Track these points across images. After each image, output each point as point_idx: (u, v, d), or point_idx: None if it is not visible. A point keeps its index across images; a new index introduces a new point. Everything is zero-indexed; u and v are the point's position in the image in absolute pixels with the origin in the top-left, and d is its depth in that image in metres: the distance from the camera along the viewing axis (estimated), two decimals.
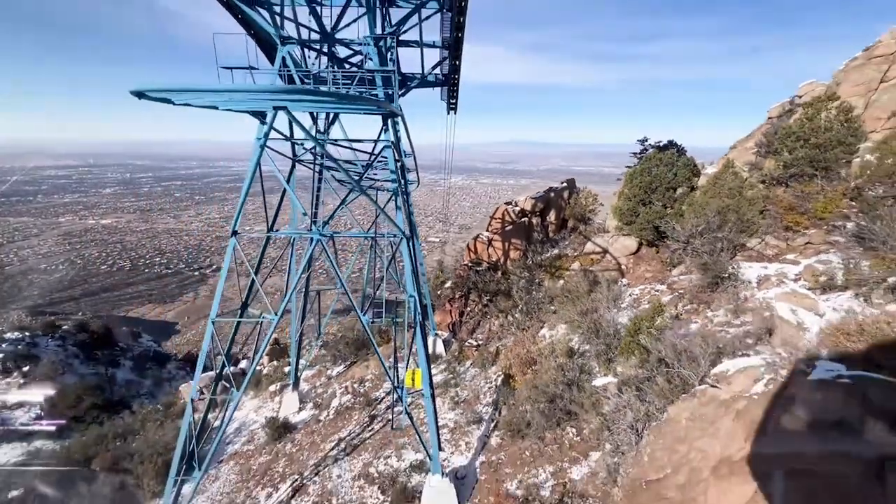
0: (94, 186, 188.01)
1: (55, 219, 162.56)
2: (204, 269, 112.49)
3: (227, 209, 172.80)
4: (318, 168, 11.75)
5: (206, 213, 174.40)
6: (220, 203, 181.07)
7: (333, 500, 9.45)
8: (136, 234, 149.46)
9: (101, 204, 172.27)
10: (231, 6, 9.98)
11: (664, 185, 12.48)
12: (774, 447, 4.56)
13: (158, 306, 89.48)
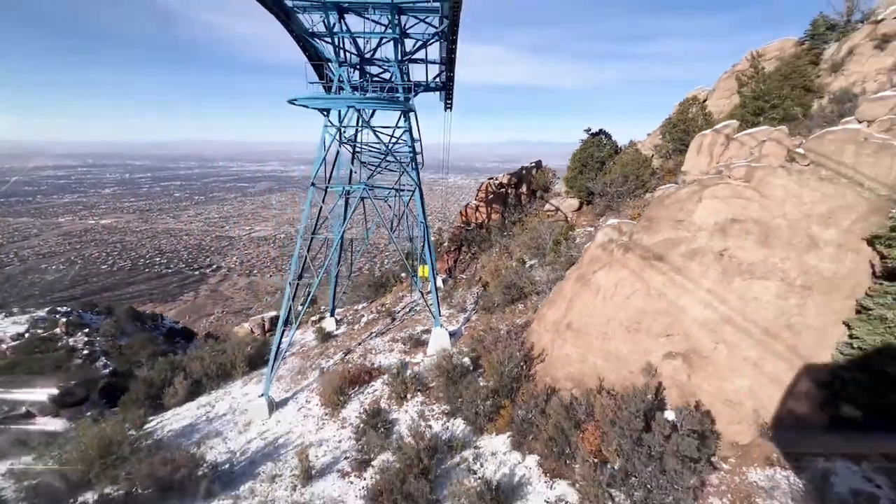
0: (93, 186, 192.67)
1: (55, 219, 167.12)
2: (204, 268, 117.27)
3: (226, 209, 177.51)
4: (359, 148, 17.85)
5: (206, 213, 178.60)
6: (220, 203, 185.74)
7: (373, 351, 15.53)
8: (135, 233, 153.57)
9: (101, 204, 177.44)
10: (302, 39, 16.20)
11: (594, 159, 18.69)
12: (587, 266, 10.64)
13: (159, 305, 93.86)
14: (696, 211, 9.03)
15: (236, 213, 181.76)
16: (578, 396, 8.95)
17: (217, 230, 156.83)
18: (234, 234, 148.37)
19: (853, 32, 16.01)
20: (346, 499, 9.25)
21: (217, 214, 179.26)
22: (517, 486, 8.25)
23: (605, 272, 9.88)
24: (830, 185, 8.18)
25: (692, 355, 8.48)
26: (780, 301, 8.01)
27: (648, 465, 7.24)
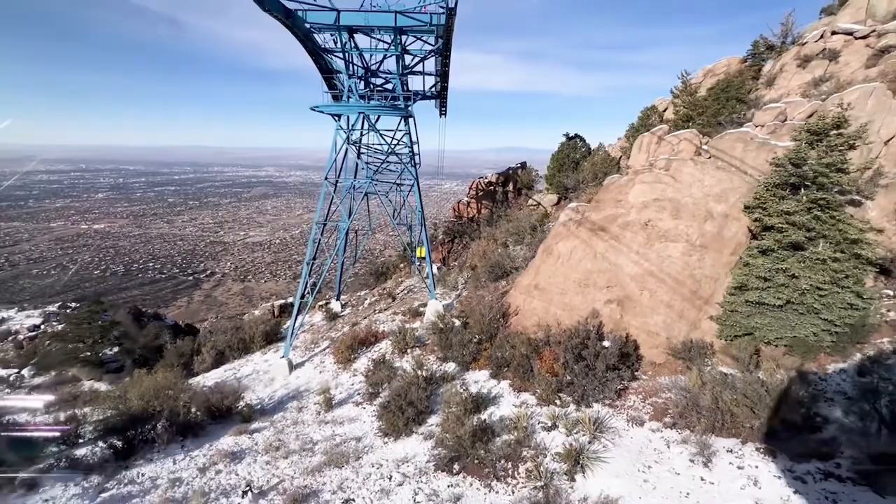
0: (86, 191, 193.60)
1: (47, 224, 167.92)
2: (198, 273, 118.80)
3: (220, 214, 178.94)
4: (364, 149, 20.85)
5: (200, 218, 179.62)
6: (214, 208, 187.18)
7: (377, 322, 18.40)
8: (129, 238, 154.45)
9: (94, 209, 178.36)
10: (316, 54, 19.28)
11: (570, 160, 21.83)
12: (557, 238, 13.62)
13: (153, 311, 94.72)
14: (630, 193, 12.08)
15: (231, 219, 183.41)
16: (541, 335, 11.87)
17: (211, 235, 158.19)
18: (229, 240, 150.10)
19: (785, 53, 19.30)
20: (361, 416, 12.09)
21: (211, 219, 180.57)
22: (493, 398, 11.13)
23: (563, 242, 12.88)
24: (724, 172, 11.25)
25: (625, 300, 11.46)
26: (685, 257, 11.02)
27: (586, 375, 10.16)
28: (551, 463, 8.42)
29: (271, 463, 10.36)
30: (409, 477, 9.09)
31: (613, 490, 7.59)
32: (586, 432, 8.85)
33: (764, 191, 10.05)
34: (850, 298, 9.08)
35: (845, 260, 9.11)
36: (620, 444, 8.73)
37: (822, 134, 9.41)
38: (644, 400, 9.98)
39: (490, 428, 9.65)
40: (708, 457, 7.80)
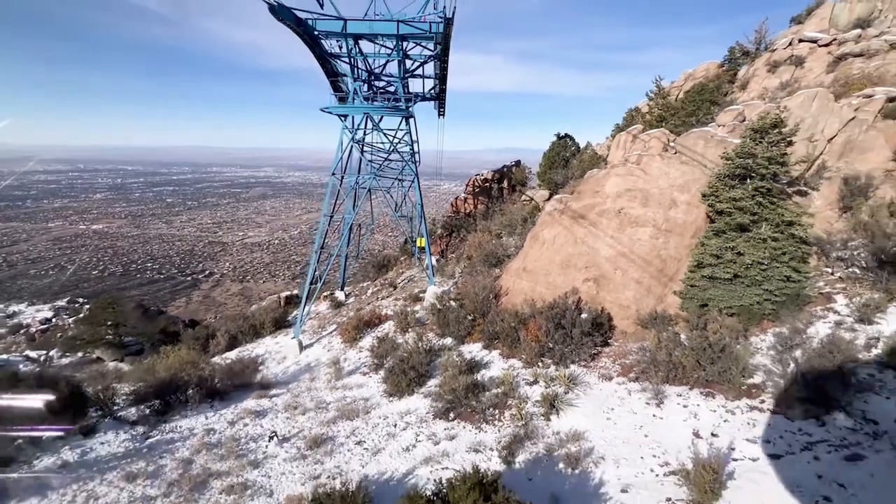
0: (84, 191, 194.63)
1: (45, 224, 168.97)
2: (196, 274, 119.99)
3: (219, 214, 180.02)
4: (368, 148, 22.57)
5: (199, 219, 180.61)
6: (213, 209, 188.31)
7: (381, 307, 20.08)
8: (127, 239, 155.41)
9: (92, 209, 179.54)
10: (322, 58, 21.00)
11: (560, 158, 23.57)
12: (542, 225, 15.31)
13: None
14: (606, 184, 13.80)
15: (229, 219, 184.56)
16: (527, 310, 13.56)
17: (210, 236, 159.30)
18: (227, 240, 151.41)
19: (758, 58, 21.07)
20: (368, 382, 13.76)
21: (210, 220, 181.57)
22: (484, 363, 12.83)
23: (548, 230, 14.59)
24: (687, 166, 12.98)
25: (601, 279, 13.17)
26: (653, 240, 12.74)
27: (564, 341, 11.85)
28: (531, 408, 10.11)
29: (291, 418, 12.04)
30: (412, 424, 10.78)
31: (581, 426, 9.28)
32: (562, 385, 10.54)
33: (717, 181, 11.78)
34: (787, 272, 10.80)
35: (783, 239, 10.84)
36: (590, 394, 10.43)
37: (763, 132, 11.14)
38: (614, 361, 11.69)
39: (481, 384, 11.34)
40: (660, 400, 9.50)
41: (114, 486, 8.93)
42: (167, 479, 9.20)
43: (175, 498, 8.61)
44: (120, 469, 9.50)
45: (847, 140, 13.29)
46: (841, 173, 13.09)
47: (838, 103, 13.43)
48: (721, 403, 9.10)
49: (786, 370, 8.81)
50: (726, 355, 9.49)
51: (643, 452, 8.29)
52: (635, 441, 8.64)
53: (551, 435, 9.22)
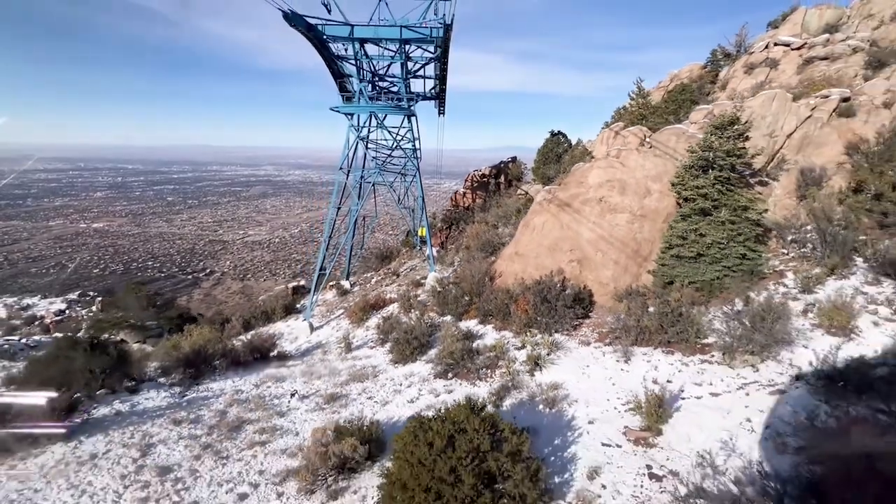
0: (84, 190, 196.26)
1: (45, 222, 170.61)
2: (197, 272, 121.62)
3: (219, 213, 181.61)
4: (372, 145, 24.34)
5: (199, 217, 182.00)
6: (213, 207, 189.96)
7: (385, 292, 21.81)
8: (128, 237, 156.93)
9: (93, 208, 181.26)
10: (330, 60, 22.75)
11: (553, 154, 25.30)
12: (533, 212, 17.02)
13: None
14: (589, 176, 15.52)
15: (230, 217, 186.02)
16: (518, 288, 15.29)
17: (210, 234, 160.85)
18: (228, 239, 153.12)
19: (737, 60, 22.76)
20: (375, 354, 15.50)
21: (210, 218, 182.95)
22: (479, 334, 14.57)
23: (538, 217, 16.31)
24: (660, 159, 14.70)
25: (583, 260, 14.89)
26: (629, 225, 14.46)
27: (549, 312, 13.57)
28: (518, 367, 11.84)
29: (308, 381, 13.78)
30: (415, 382, 12.52)
31: (560, 379, 11.01)
32: (546, 348, 12.26)
33: (683, 171, 13.49)
34: (743, 251, 12.52)
35: (739, 222, 12.56)
36: (569, 356, 12.16)
37: (722, 128, 12.86)
38: (592, 330, 13.42)
39: (476, 350, 13.07)
40: (628, 357, 11.23)
41: (163, 427, 10.68)
42: (207, 424, 10.94)
43: (216, 436, 10.35)
44: (166, 417, 11.25)
45: (804, 136, 15.00)
46: (798, 166, 14.80)
47: (796, 103, 15.15)
48: (678, 358, 10.83)
49: (732, 331, 10.52)
50: (684, 319, 11.21)
51: (609, 396, 10.02)
52: (603, 388, 10.36)
53: (534, 386, 10.94)
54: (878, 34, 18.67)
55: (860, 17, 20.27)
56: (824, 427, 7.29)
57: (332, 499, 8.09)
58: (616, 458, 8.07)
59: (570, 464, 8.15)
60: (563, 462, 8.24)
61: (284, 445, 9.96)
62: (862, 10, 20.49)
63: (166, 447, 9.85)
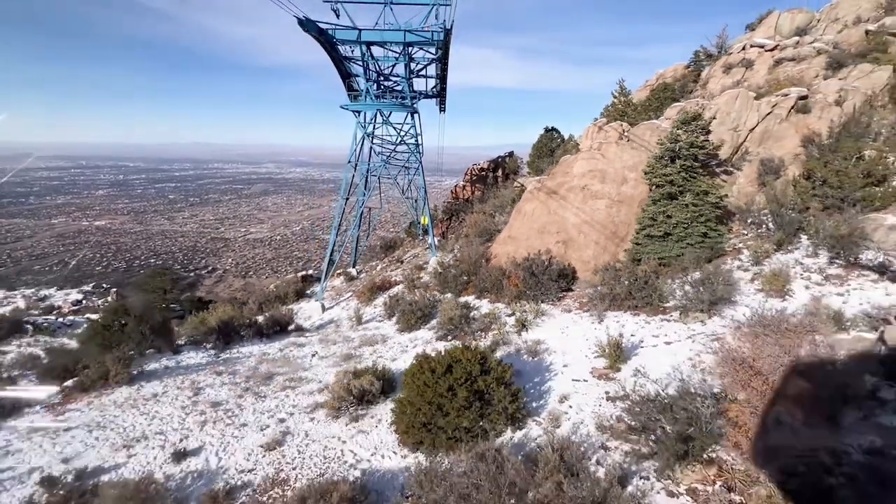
0: (86, 188, 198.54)
1: (48, 220, 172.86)
2: (199, 270, 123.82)
3: (221, 211, 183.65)
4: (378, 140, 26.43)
5: (201, 215, 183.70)
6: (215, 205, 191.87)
7: (391, 275, 23.92)
8: (130, 235, 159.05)
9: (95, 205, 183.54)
10: (338, 61, 24.86)
11: (547, 148, 27.36)
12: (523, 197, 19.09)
13: None
14: (574, 166, 17.59)
15: (231, 215, 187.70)
16: (510, 266, 17.38)
17: (212, 232, 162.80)
18: (230, 236, 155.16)
19: (717, 61, 24.76)
20: (383, 326, 17.63)
21: (212, 216, 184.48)
22: (475, 307, 16.66)
23: (529, 204, 18.39)
24: (636, 150, 16.76)
25: (568, 241, 16.97)
26: (608, 209, 16.53)
27: (536, 285, 15.65)
28: (508, 328, 13.94)
29: (325, 346, 15.92)
30: (419, 344, 14.64)
31: (542, 336, 13.10)
32: (532, 314, 14.36)
33: (654, 161, 15.54)
34: (704, 230, 14.59)
35: (701, 205, 14.62)
36: (552, 320, 14.26)
37: (686, 123, 14.91)
38: (574, 301, 15.51)
39: (472, 318, 15.17)
40: (601, 319, 13.33)
41: (207, 377, 12.82)
42: (243, 375, 13.07)
43: (253, 383, 12.48)
44: (207, 370, 13.40)
45: (765, 130, 17.04)
46: (759, 157, 16.84)
47: (758, 101, 17.19)
48: (643, 318, 12.92)
49: (687, 294, 12.60)
50: (649, 287, 13.29)
51: (582, 348, 12.11)
52: (578, 343, 12.46)
53: (521, 342, 13.05)
54: (841, 37, 20.67)
55: (828, 20, 22.26)
56: (744, 358, 9.36)
57: (354, 421, 10.21)
58: (582, 388, 10.17)
59: (546, 394, 10.26)
60: (540, 392, 10.35)
61: (310, 389, 12.10)
62: (830, 14, 22.48)
63: (213, 389, 12.00)
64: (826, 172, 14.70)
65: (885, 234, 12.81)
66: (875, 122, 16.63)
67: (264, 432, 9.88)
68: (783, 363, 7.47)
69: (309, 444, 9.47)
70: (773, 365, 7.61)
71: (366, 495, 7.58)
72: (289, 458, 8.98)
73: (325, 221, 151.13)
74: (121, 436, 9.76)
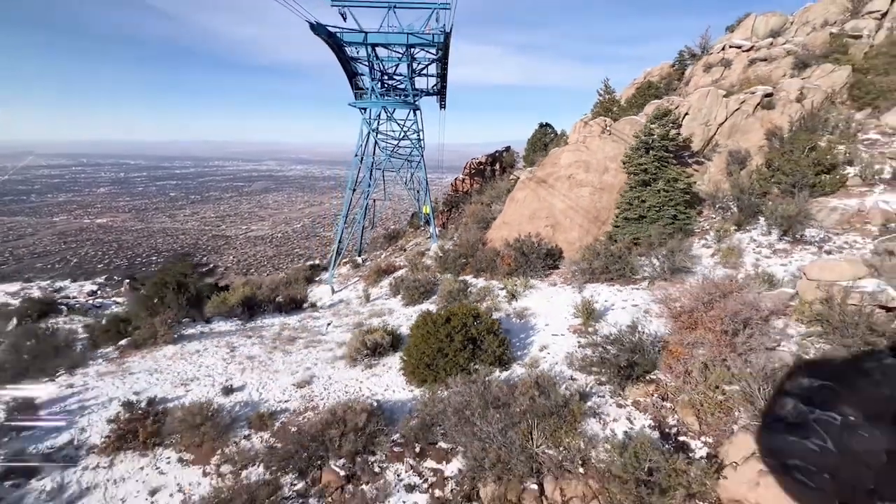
0: (87, 186, 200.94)
1: (49, 218, 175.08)
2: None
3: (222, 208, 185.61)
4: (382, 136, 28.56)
5: (202, 213, 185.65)
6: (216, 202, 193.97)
7: (396, 260, 26.07)
8: (131, 233, 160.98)
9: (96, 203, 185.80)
10: (345, 61, 27.00)
11: (541, 143, 29.47)
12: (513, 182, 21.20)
13: None
14: (561, 158, 19.70)
15: (232, 213, 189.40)
16: (503, 247, 19.51)
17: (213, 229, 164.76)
18: (231, 234, 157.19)
19: (699, 60, 26.82)
20: (389, 302, 19.78)
21: (213, 214, 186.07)
22: (473, 283, 18.81)
23: (521, 192, 20.51)
24: (616, 143, 18.86)
25: (556, 225, 19.09)
26: (591, 196, 18.64)
27: (526, 263, 17.78)
28: (500, 299, 16.08)
29: (338, 318, 18.08)
30: None
31: (529, 304, 15.25)
32: (521, 287, 16.50)
33: (631, 152, 17.65)
34: (674, 213, 16.70)
35: (671, 190, 16.73)
36: (539, 291, 16.41)
37: (658, 118, 17.00)
38: (560, 276, 17.65)
39: (469, 291, 17.32)
40: (581, 290, 15.46)
41: (239, 338, 15.01)
42: (270, 338, 15.24)
43: (279, 343, 14.65)
44: (238, 334, 15.58)
45: (733, 124, 19.14)
46: (728, 149, 18.94)
47: (727, 98, 19.28)
48: (617, 288, 15.06)
49: (653, 266, 14.73)
50: (622, 261, 15.42)
51: (563, 311, 14.25)
52: (560, 308, 14.60)
53: (510, 309, 15.20)
54: (809, 39, 22.72)
55: (800, 23, 24.31)
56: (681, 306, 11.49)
57: (368, 368, 12.39)
58: (559, 340, 12.33)
59: (529, 345, 12.43)
60: (524, 344, 12.52)
61: (329, 348, 14.28)
62: (802, 17, 24.54)
63: (246, 347, 14.19)
64: (782, 162, 16.80)
65: (827, 215, 14.94)
66: (833, 117, 18.72)
67: (294, 376, 12.06)
68: (708, 308, 9.62)
69: (332, 383, 11.64)
70: (700, 308, 9.77)
71: (381, 412, 9.74)
72: (317, 392, 11.16)
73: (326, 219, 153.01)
74: (176, 377, 11.94)
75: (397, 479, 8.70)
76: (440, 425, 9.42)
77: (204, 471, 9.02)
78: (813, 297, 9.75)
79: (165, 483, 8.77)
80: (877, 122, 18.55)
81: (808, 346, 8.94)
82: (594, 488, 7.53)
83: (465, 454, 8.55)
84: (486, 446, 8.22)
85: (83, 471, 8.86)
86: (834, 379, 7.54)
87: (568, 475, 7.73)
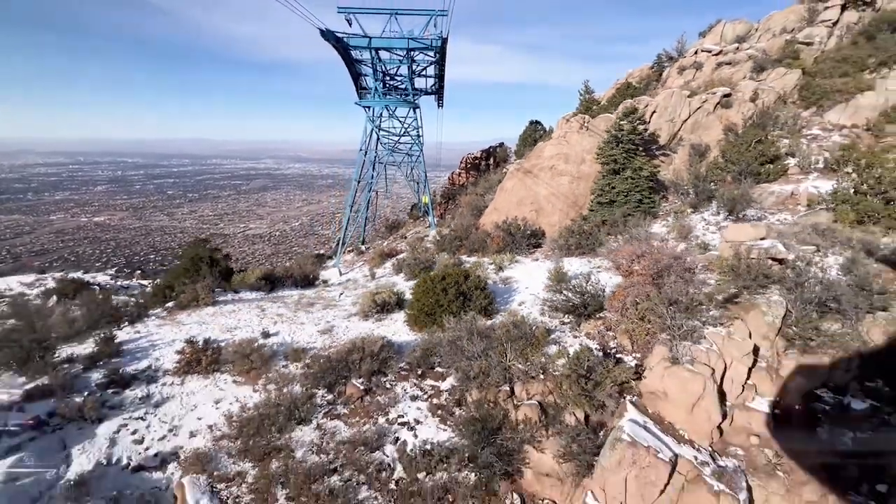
0: (85, 184, 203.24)
1: (47, 216, 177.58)
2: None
3: (220, 207, 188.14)
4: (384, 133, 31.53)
5: (200, 211, 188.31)
6: (214, 201, 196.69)
7: (397, 244, 29.03)
8: (129, 231, 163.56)
9: (94, 201, 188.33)
10: (350, 63, 29.98)
11: (532, 139, 32.46)
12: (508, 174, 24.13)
13: None
14: (545, 151, 22.67)
15: (230, 211, 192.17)
16: (493, 230, 22.46)
17: (211, 228, 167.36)
18: (229, 232, 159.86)
19: (675, 63, 29.82)
20: (392, 278, 22.70)
21: (211, 212, 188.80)
22: (466, 261, 21.76)
23: (509, 182, 23.48)
24: (593, 137, 21.84)
25: (539, 210, 22.05)
26: (570, 184, 21.60)
27: (512, 242, 20.72)
28: (489, 271, 19.04)
29: (348, 289, 21.00)
30: None
31: (513, 275, 18.20)
32: (508, 261, 19.46)
33: (604, 144, 20.61)
34: (640, 197, 19.67)
35: (637, 178, 19.70)
36: (523, 265, 19.38)
37: (626, 115, 19.97)
38: (542, 253, 20.62)
39: (463, 266, 20.25)
40: (558, 262, 18.41)
41: (266, 303, 17.93)
42: (292, 303, 18.17)
43: (301, 307, 17.57)
44: (264, 300, 18.51)
45: (695, 121, 22.12)
46: (690, 142, 21.91)
47: (691, 98, 22.26)
48: (587, 259, 18.04)
49: (618, 242, 17.68)
50: (592, 238, 18.39)
51: (541, 278, 17.18)
52: (538, 276, 17.54)
53: (496, 277, 18.17)
54: (769, 45, 25.72)
55: (763, 30, 27.32)
56: None
57: (378, 321, 15.34)
58: (534, 298, 15.28)
59: (510, 302, 15.40)
60: (506, 302, 15.49)
61: (343, 309, 17.24)
62: (766, 24, 27.55)
63: (273, 309, 17.13)
64: (733, 154, 19.78)
65: (766, 198, 17.92)
66: (783, 115, 21.71)
67: (317, 326, 15.03)
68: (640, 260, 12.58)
69: (349, 331, 14.61)
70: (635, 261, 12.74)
71: (391, 346, 12.68)
72: (337, 336, 14.12)
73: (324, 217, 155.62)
74: (222, 326, 14.89)
75: (404, 392, 11.68)
76: (437, 355, 12.38)
77: (253, 388, 11.97)
78: (728, 255, 12.70)
79: (225, 395, 11.71)
80: (820, 119, 21.54)
81: (721, 287, 11.91)
82: (550, 387, 10.51)
83: (455, 374, 11.50)
84: (472, 363, 11.18)
85: (162, 386, 11.80)
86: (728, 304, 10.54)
87: (532, 380, 10.71)
